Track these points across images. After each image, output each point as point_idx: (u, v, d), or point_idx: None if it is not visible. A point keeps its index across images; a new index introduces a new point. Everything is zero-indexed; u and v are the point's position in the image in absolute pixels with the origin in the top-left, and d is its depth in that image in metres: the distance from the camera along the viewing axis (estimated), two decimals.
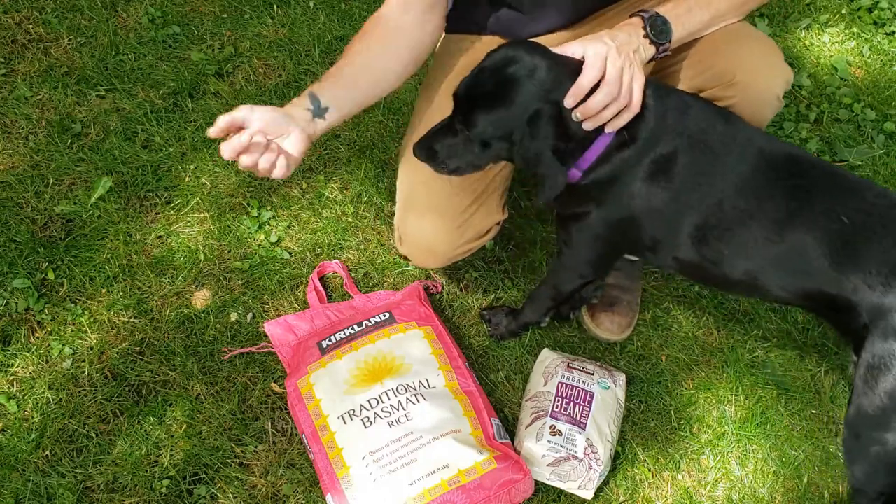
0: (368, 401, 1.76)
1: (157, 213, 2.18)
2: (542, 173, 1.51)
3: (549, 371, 1.87)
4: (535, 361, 1.94)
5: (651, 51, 1.49)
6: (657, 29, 1.48)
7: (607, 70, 1.42)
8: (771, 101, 1.63)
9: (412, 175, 1.77)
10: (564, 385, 1.83)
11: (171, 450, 1.81)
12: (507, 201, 1.88)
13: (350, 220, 2.20)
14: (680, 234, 1.59)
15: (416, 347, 1.87)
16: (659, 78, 1.70)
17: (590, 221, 1.64)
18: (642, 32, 1.48)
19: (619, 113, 1.46)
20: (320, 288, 2.05)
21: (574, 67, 1.47)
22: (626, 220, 1.61)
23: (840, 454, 1.89)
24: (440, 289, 2.09)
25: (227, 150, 1.40)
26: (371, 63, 1.60)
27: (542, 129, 1.47)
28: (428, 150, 1.58)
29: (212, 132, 1.39)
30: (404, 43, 1.63)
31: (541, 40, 1.76)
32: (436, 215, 1.73)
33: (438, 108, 1.74)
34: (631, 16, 1.53)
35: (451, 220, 1.73)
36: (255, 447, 1.82)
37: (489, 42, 1.77)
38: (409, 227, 1.79)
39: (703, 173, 1.54)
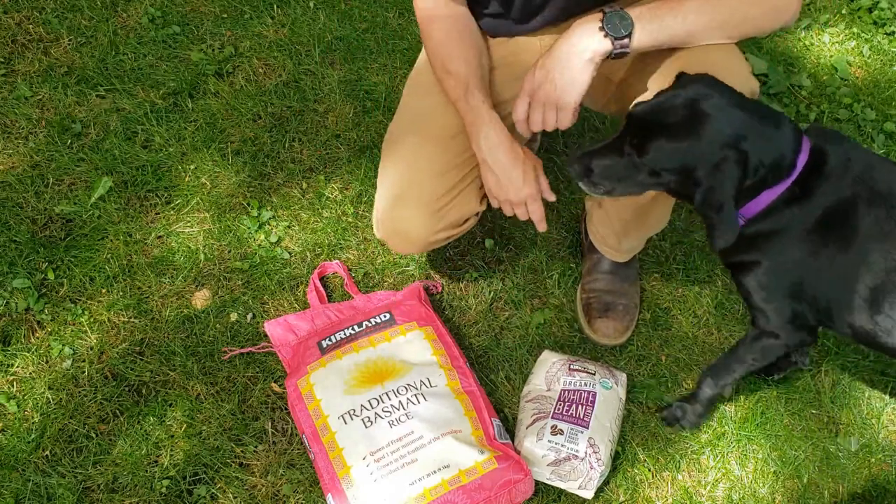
0: (369, 401, 1.76)
1: (157, 213, 2.18)
2: (716, 222, 1.44)
3: (551, 376, 1.86)
4: (534, 361, 1.94)
5: (606, 44, 1.46)
6: (613, 23, 1.45)
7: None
8: None
9: (394, 162, 1.78)
10: (567, 391, 1.82)
11: (171, 450, 1.81)
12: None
13: (350, 220, 2.20)
14: (854, 296, 1.51)
15: (416, 349, 1.87)
16: (629, 82, 1.69)
17: (763, 272, 1.58)
18: (598, 25, 1.46)
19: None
20: (321, 288, 2.05)
21: (764, 114, 1.45)
22: (796, 272, 1.55)
23: (840, 454, 1.89)
24: (440, 289, 2.09)
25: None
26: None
27: (730, 176, 1.40)
28: (584, 168, 1.52)
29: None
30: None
31: (530, 39, 1.77)
32: (413, 201, 1.72)
33: (424, 98, 1.77)
34: (598, 10, 1.51)
35: (428, 206, 1.72)
36: (255, 447, 1.82)
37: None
38: (386, 213, 1.79)
39: (884, 233, 1.47)
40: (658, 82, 1.59)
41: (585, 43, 1.47)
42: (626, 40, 1.46)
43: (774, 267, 1.56)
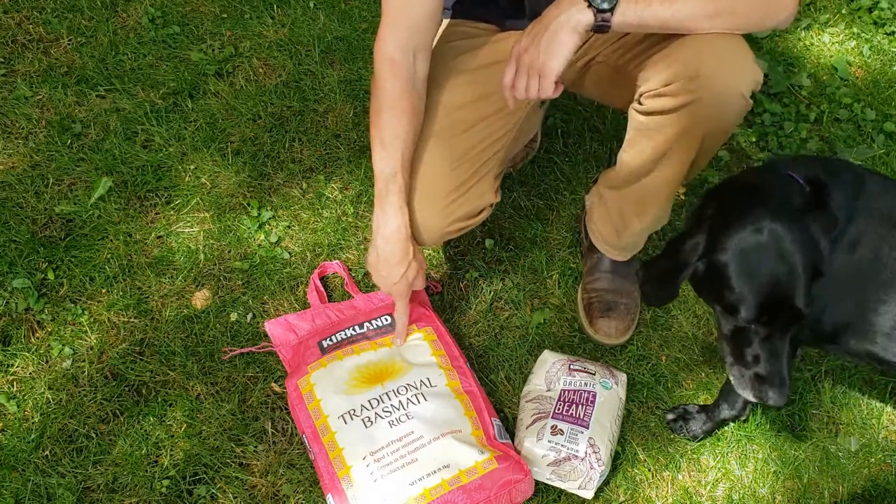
0: (369, 401, 1.76)
1: (157, 213, 2.18)
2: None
3: (551, 376, 1.86)
4: (534, 361, 1.94)
5: (588, 15, 1.47)
6: None
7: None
8: (735, 100, 1.55)
9: None
10: (567, 391, 1.82)
11: (171, 450, 1.81)
12: (501, 185, 1.86)
13: (350, 220, 2.20)
14: (873, 322, 1.49)
15: (417, 351, 1.87)
16: (631, 69, 1.68)
17: None
18: None
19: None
20: (321, 288, 2.05)
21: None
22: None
23: (840, 454, 1.89)
24: (440, 289, 2.09)
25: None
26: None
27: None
28: (767, 384, 1.44)
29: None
30: (411, 97, 1.67)
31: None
32: (425, 193, 1.72)
33: (432, 93, 1.75)
34: None
35: (442, 199, 1.72)
36: (255, 447, 1.83)
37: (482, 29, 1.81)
38: None
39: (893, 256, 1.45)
40: (660, 69, 1.58)
41: (571, 13, 1.48)
42: (608, 14, 1.46)
43: None
